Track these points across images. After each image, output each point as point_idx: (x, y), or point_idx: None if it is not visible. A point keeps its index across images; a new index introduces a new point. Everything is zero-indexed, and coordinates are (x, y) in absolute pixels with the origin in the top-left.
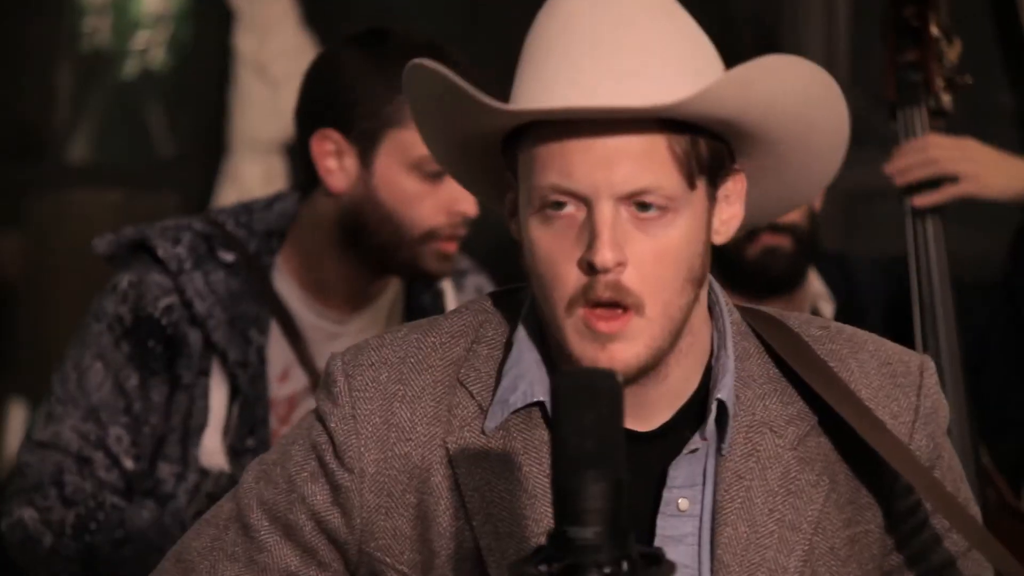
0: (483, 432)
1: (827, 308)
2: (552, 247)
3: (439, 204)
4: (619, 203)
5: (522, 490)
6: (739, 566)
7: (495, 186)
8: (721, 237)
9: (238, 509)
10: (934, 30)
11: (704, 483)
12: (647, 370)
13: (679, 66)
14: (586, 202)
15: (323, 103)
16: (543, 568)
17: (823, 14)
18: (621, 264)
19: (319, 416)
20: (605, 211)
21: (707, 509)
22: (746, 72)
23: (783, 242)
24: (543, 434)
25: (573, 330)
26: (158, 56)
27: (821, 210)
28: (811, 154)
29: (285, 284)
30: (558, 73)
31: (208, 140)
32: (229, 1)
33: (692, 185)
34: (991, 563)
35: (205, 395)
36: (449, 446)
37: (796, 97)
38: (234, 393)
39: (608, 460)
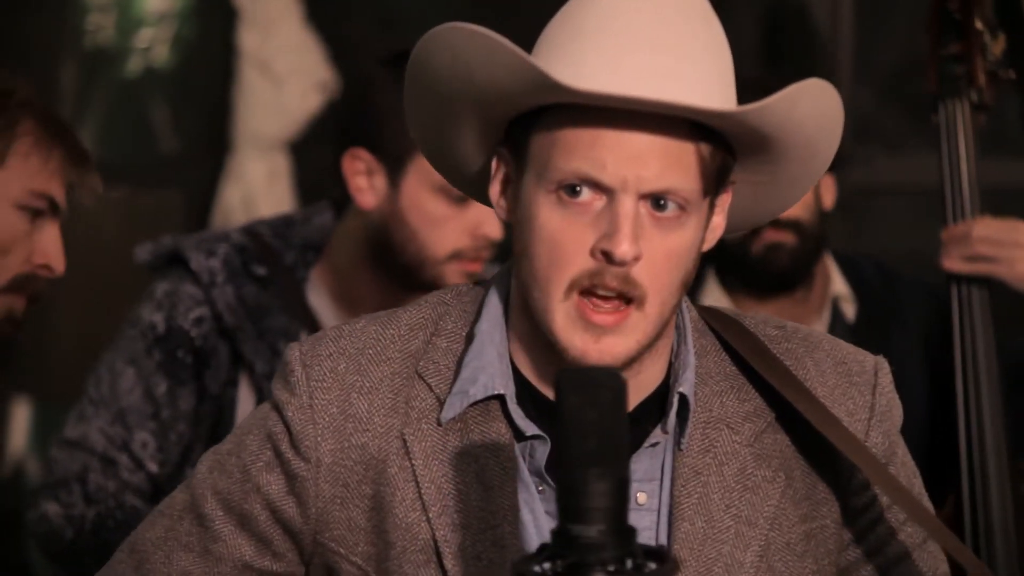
0: (440, 424)
1: (849, 309)
2: (562, 229)
3: (464, 226)
4: (640, 199)
5: (479, 482)
6: (696, 561)
7: (463, 161)
8: (707, 245)
9: (192, 499)
10: (978, 23)
11: (662, 478)
12: (631, 365)
13: (713, 72)
14: (608, 192)
15: (355, 123)
16: (547, 566)
17: (828, 11)
18: (637, 258)
19: (275, 405)
20: (627, 204)
21: (664, 504)
22: (796, 92)
23: (786, 238)
24: (501, 427)
25: (564, 316)
26: (161, 53)
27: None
28: (804, 168)
29: (319, 298)
30: (600, 60)
31: (212, 137)
32: None
33: (707, 192)
34: (948, 552)
35: (232, 406)
36: (406, 437)
37: (817, 120)
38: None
39: (611, 458)
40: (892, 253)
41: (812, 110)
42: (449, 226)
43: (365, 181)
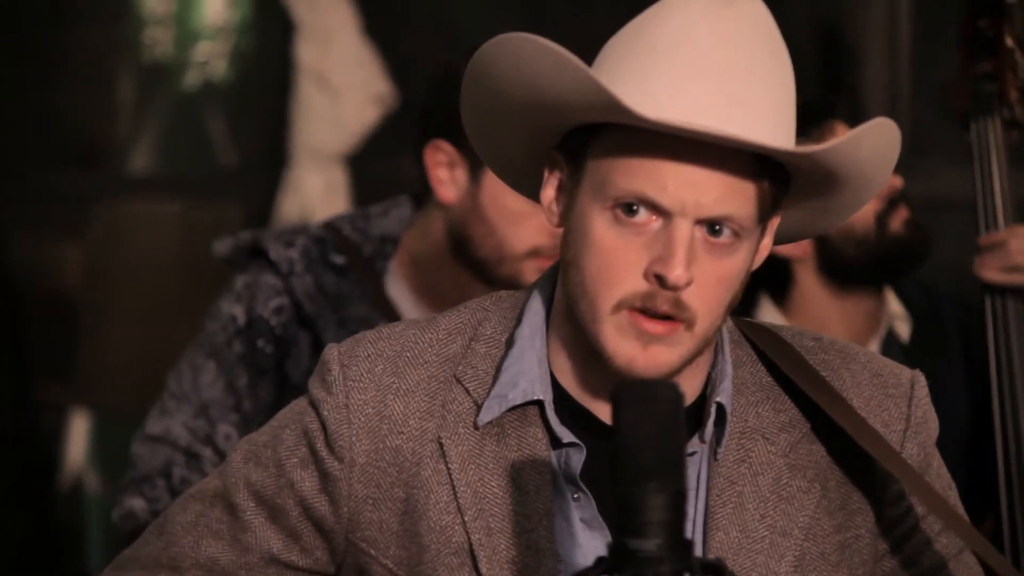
0: (476, 428)
1: (903, 329)
2: (616, 247)
3: (543, 224)
4: (696, 223)
5: (514, 486)
6: None
7: (514, 161)
8: (753, 267)
9: (225, 487)
10: (1009, 41)
11: (697, 487)
12: (672, 376)
13: (778, 102)
14: (665, 215)
15: (438, 114)
16: None
17: (885, 23)
18: (689, 283)
19: (312, 402)
20: (684, 229)
21: (699, 513)
22: (862, 133)
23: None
24: (538, 432)
25: (614, 327)
26: (219, 67)
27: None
28: (856, 197)
29: (397, 289)
30: (666, 84)
31: (269, 150)
32: (290, 12)
33: (762, 218)
34: (985, 562)
35: None
36: (443, 441)
37: (876, 157)
38: None
39: (669, 471)
40: (952, 265)
41: (874, 148)
42: (529, 223)
43: (446, 173)
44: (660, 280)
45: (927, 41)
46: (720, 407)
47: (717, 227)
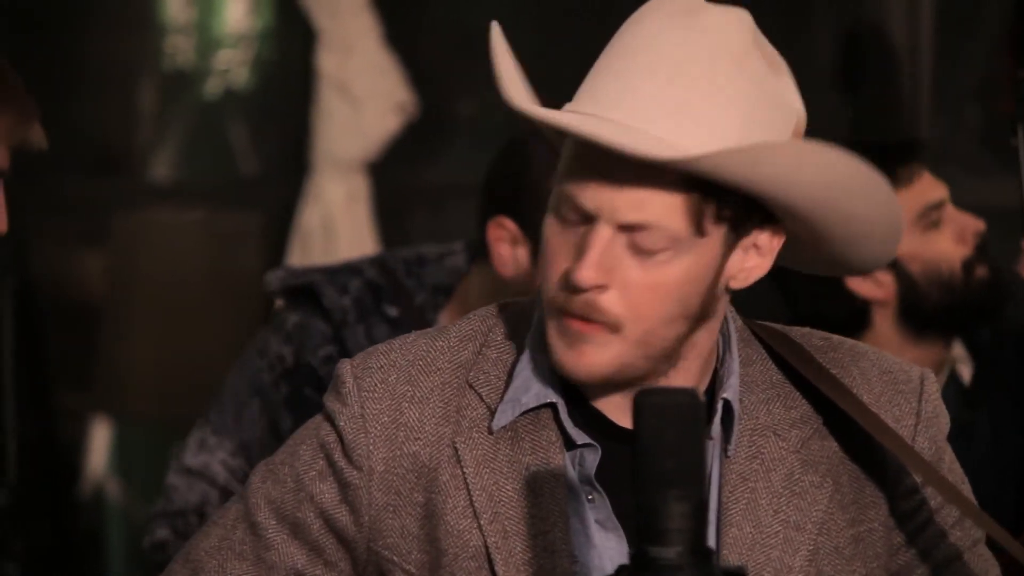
0: (491, 432)
1: (966, 372)
2: (555, 250)
3: None
4: (619, 229)
5: (529, 489)
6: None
7: None
8: (739, 283)
9: (246, 508)
10: None
11: (709, 484)
12: (630, 380)
13: (720, 117)
14: (589, 219)
15: (505, 192)
16: None
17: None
18: (600, 287)
19: (328, 416)
20: (601, 233)
21: (712, 510)
22: (756, 151)
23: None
24: (552, 435)
25: (554, 327)
26: (241, 75)
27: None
28: (856, 239)
29: None
30: (611, 88)
31: (291, 159)
32: (311, 20)
33: (701, 232)
34: (1006, 547)
35: None
36: (458, 446)
37: (826, 187)
38: None
39: (690, 479)
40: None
41: (818, 174)
42: None
43: (508, 251)
44: (568, 282)
45: (948, 49)
46: (727, 404)
47: (640, 234)
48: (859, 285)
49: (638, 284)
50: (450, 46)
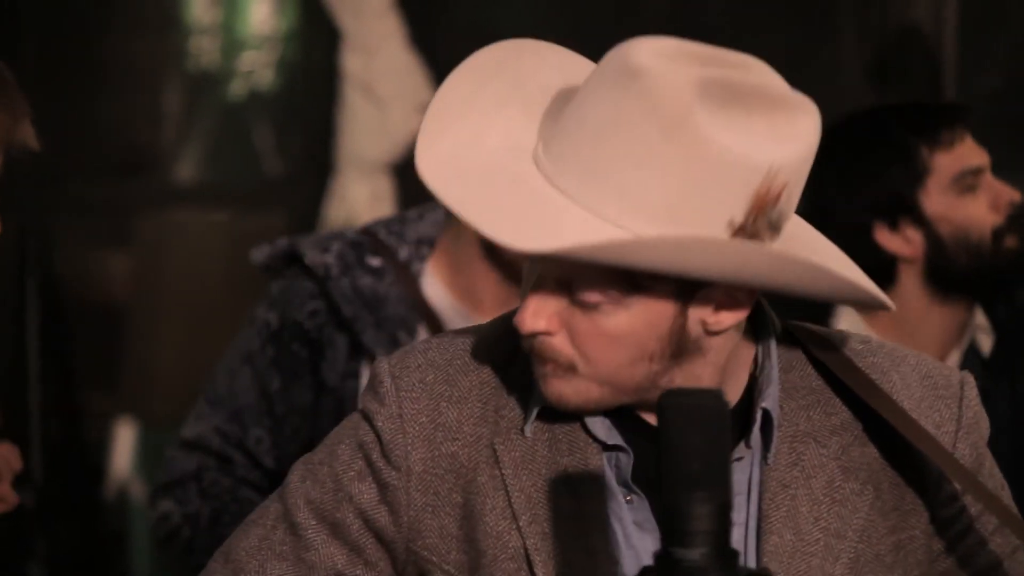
0: (528, 433)
1: (986, 342)
2: (523, 286)
3: None
4: (558, 282)
5: (568, 491)
6: (785, 574)
7: None
8: (715, 328)
9: (285, 508)
10: None
11: (749, 492)
12: (599, 410)
13: (624, 185)
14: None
15: None
16: None
17: (932, 32)
18: (546, 333)
19: (365, 415)
20: (541, 281)
21: (752, 517)
22: (634, 246)
23: None
24: (587, 436)
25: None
26: (265, 76)
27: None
28: (815, 294)
29: (434, 289)
30: (554, 118)
31: (315, 160)
32: (336, 21)
33: (636, 288)
34: None
35: (354, 397)
36: (496, 447)
37: (750, 278)
38: None
39: (715, 481)
40: None
41: (717, 266)
42: None
43: None
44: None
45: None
46: (766, 413)
47: (577, 289)
48: (888, 240)
49: (584, 332)
50: (473, 47)
